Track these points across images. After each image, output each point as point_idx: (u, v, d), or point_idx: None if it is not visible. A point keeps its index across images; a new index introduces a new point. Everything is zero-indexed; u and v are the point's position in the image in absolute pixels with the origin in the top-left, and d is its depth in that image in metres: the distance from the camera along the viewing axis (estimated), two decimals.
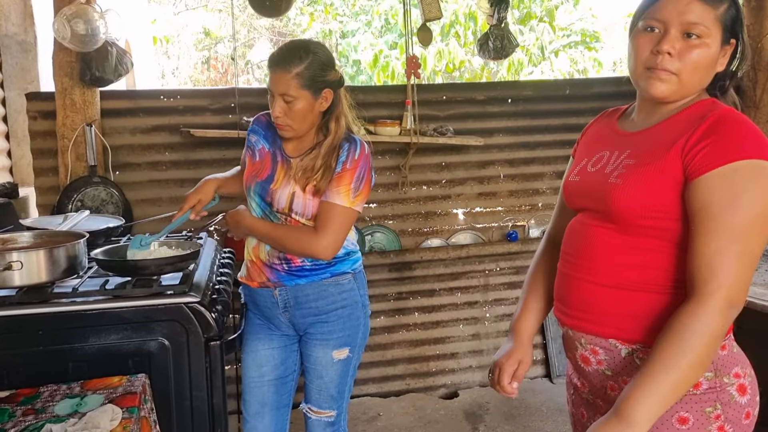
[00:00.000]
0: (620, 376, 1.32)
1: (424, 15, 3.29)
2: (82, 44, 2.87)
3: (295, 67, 1.90)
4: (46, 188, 3.15)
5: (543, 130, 3.68)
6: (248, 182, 2.07)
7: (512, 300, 3.69)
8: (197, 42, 15.03)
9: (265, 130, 2.12)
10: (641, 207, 1.25)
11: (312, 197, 1.96)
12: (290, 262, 2.00)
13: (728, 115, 1.23)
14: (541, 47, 7.37)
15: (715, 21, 1.25)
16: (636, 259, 1.28)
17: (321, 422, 2.12)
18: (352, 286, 2.08)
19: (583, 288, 1.35)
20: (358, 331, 2.11)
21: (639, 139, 1.34)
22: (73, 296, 1.82)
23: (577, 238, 1.39)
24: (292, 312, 2.05)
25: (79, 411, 1.53)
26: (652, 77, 1.28)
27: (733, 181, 1.17)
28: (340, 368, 2.09)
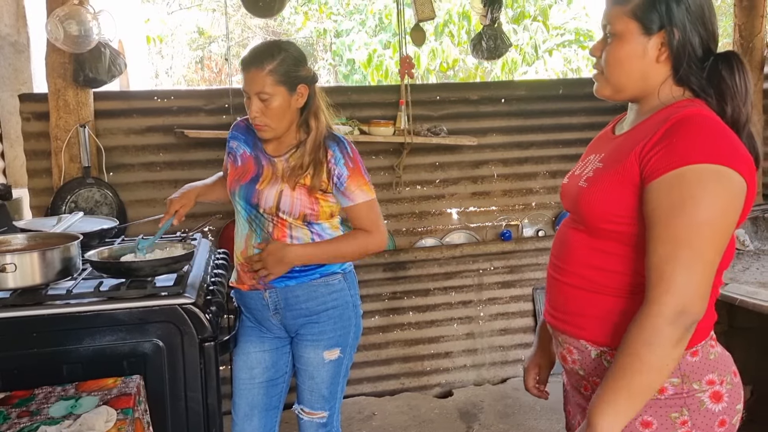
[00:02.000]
0: (591, 377, 1.34)
1: (417, 15, 3.29)
2: (75, 45, 2.86)
3: (268, 64, 1.91)
4: (40, 190, 3.15)
5: (536, 130, 3.70)
6: (232, 187, 2.07)
7: (506, 299, 3.70)
8: (191, 41, 15.00)
9: (245, 135, 2.12)
10: (602, 211, 1.27)
11: (301, 195, 1.96)
12: None
13: (689, 117, 1.22)
14: (534, 46, 7.38)
15: (625, 16, 1.29)
16: (602, 262, 1.29)
17: (313, 423, 2.12)
18: (342, 286, 2.08)
19: (561, 289, 1.38)
20: (350, 332, 2.11)
21: (615, 142, 1.36)
22: (68, 298, 1.82)
23: (559, 240, 1.42)
24: (283, 314, 2.05)
25: (74, 413, 1.54)
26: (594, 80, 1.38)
27: (680, 187, 1.16)
28: (332, 369, 2.09)
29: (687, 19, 1.27)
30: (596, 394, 1.20)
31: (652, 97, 1.32)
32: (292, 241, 1.99)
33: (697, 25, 1.27)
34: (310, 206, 1.97)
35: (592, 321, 1.31)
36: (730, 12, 4.05)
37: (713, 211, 1.14)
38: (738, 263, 2.89)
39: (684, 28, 1.27)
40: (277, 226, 1.99)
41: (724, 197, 1.16)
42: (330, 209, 2.02)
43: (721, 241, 1.17)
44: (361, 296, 2.33)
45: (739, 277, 2.66)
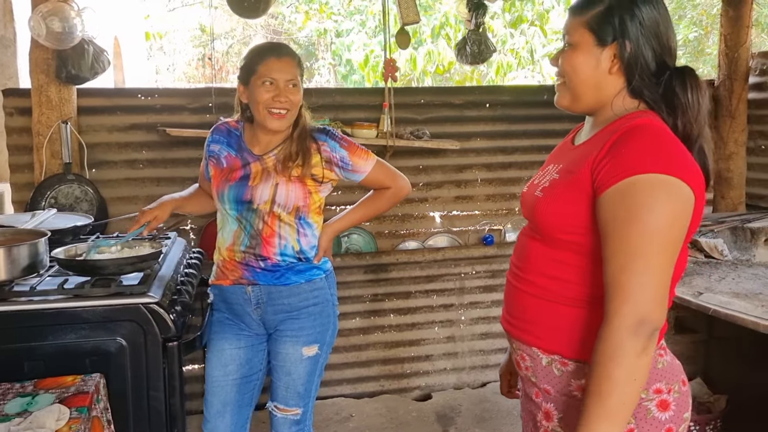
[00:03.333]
0: (542, 384, 1.36)
1: (402, 19, 3.30)
2: (58, 42, 2.87)
3: (297, 58, 2.09)
4: (22, 185, 3.15)
5: (521, 135, 3.70)
6: (220, 188, 2.10)
7: (487, 303, 3.70)
8: (193, 38, 15.02)
9: (227, 138, 2.17)
10: (557, 221, 1.28)
11: (295, 187, 2.04)
12: (266, 260, 2.06)
13: (638, 127, 1.24)
14: (530, 51, 7.39)
15: (581, 27, 1.33)
16: (557, 272, 1.30)
17: (287, 420, 2.15)
18: (323, 284, 2.14)
19: (516, 295, 1.40)
20: (328, 329, 2.17)
21: (572, 153, 1.38)
22: (31, 295, 1.84)
23: (518, 247, 1.44)
24: (264, 308, 2.09)
25: (29, 410, 1.54)
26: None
27: (630, 196, 1.17)
28: (309, 365, 2.13)
29: (640, 33, 1.29)
30: (580, 420, 1.19)
31: (606, 109, 1.34)
32: (279, 238, 2.05)
33: (651, 39, 1.29)
34: (303, 199, 2.06)
35: (544, 329, 1.33)
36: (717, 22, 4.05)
37: (664, 219, 1.16)
38: (714, 273, 2.89)
39: (636, 42, 1.29)
40: (267, 223, 2.04)
41: (674, 206, 1.17)
42: (319, 202, 2.13)
43: (672, 249, 1.18)
44: (342, 298, 2.38)
45: (714, 287, 2.66)
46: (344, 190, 3.41)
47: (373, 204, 2.25)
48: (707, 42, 9.39)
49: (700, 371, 3.36)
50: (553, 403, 1.35)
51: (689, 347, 3.37)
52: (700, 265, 3.02)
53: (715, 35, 8.47)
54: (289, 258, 2.07)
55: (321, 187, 2.11)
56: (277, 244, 2.06)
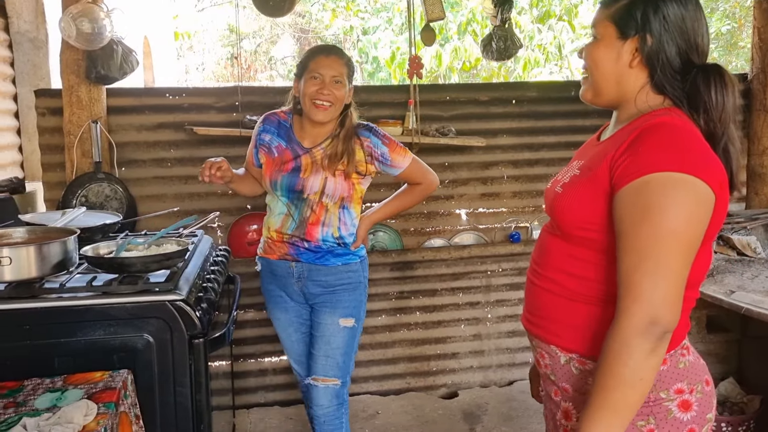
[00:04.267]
0: (560, 382, 1.35)
1: (427, 15, 3.28)
2: (88, 42, 2.91)
3: (345, 58, 2.29)
4: (53, 183, 3.22)
5: (547, 132, 3.66)
6: (273, 177, 2.32)
7: (514, 301, 3.67)
8: (222, 38, 15.15)
9: (277, 129, 2.37)
10: (575, 218, 1.27)
11: (341, 180, 2.27)
12: (310, 242, 2.30)
13: (656, 126, 1.22)
14: (558, 46, 7.30)
15: (605, 20, 1.33)
16: (575, 269, 1.30)
17: (328, 389, 2.35)
18: (357, 268, 2.38)
19: (536, 293, 1.40)
20: (362, 306, 2.40)
21: (594, 149, 1.36)
22: (61, 292, 1.86)
23: (539, 244, 1.43)
24: (304, 282, 2.34)
25: (58, 405, 1.57)
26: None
27: (644, 195, 1.15)
28: (347, 336, 2.35)
29: (663, 28, 1.27)
30: (582, 413, 1.19)
31: (630, 105, 1.32)
32: (322, 225, 2.29)
33: (675, 34, 1.27)
34: (348, 190, 2.29)
35: (562, 327, 1.32)
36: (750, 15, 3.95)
37: (677, 220, 1.13)
38: (747, 271, 2.84)
39: (659, 36, 1.27)
40: (314, 211, 2.28)
41: (690, 206, 1.14)
42: (360, 192, 2.36)
43: (687, 250, 1.16)
44: (368, 295, 2.50)
45: (747, 285, 2.61)
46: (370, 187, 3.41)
47: (406, 198, 2.47)
48: (740, 35, 9.19)
49: (732, 371, 3.29)
50: (571, 402, 1.34)
51: (722, 346, 3.30)
52: (732, 262, 2.96)
53: (748, 28, 8.28)
54: (330, 243, 2.31)
55: (363, 179, 2.35)
56: (320, 231, 2.29)
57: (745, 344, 3.34)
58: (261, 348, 3.45)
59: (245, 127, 3.22)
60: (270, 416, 3.38)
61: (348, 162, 2.26)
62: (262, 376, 3.47)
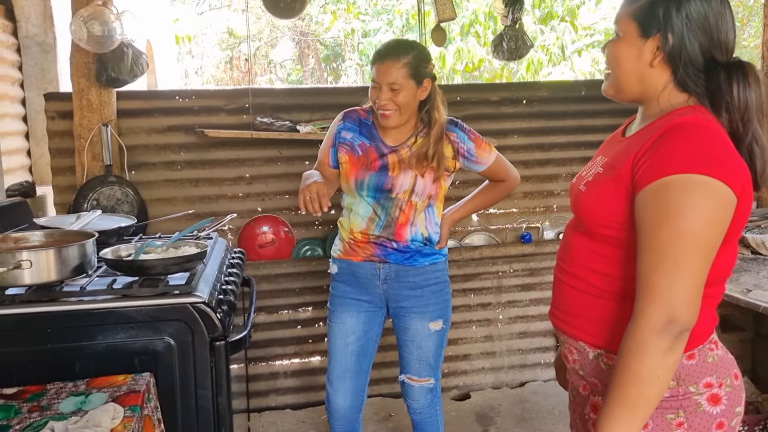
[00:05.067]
0: (589, 377, 1.37)
1: (438, 16, 3.28)
2: (98, 45, 2.90)
3: (404, 58, 2.13)
4: (64, 187, 3.20)
5: (558, 132, 3.65)
6: (359, 176, 2.24)
7: (525, 302, 3.66)
8: (221, 41, 15.17)
9: (359, 126, 2.29)
10: (598, 216, 1.29)
11: (431, 177, 2.21)
12: (399, 242, 2.25)
13: (678, 126, 1.21)
14: (561, 47, 7.30)
15: (628, 17, 1.31)
16: (599, 265, 1.31)
17: (423, 389, 2.37)
18: (443, 267, 2.35)
19: (563, 289, 1.40)
20: (449, 304, 2.37)
21: (619, 146, 1.36)
22: (81, 295, 1.84)
23: (564, 241, 1.45)
24: (390, 284, 2.28)
25: (83, 409, 1.55)
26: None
27: (664, 196, 1.16)
28: (437, 339, 2.33)
29: (686, 26, 1.25)
30: (601, 410, 1.21)
31: (653, 102, 1.33)
32: (411, 225, 2.24)
33: (698, 32, 1.25)
34: (436, 188, 2.24)
35: (589, 323, 1.34)
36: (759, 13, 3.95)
37: (697, 221, 1.13)
38: (763, 269, 2.82)
39: (681, 34, 1.26)
40: (403, 211, 2.23)
41: (709, 208, 1.14)
42: (445, 189, 2.31)
43: (706, 251, 1.16)
44: None
45: (764, 284, 2.60)
46: None
47: (489, 194, 2.44)
48: (743, 34, 9.23)
49: (747, 370, 3.28)
50: (600, 396, 1.35)
51: (736, 346, 3.29)
52: (747, 261, 2.95)
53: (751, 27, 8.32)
54: (419, 243, 2.26)
55: (447, 177, 2.30)
56: (409, 231, 2.25)
57: (759, 343, 3.33)
58: (272, 351, 3.43)
59: (256, 130, 3.21)
60: (282, 420, 3.36)
61: (438, 165, 2.19)
62: (273, 380, 3.45)
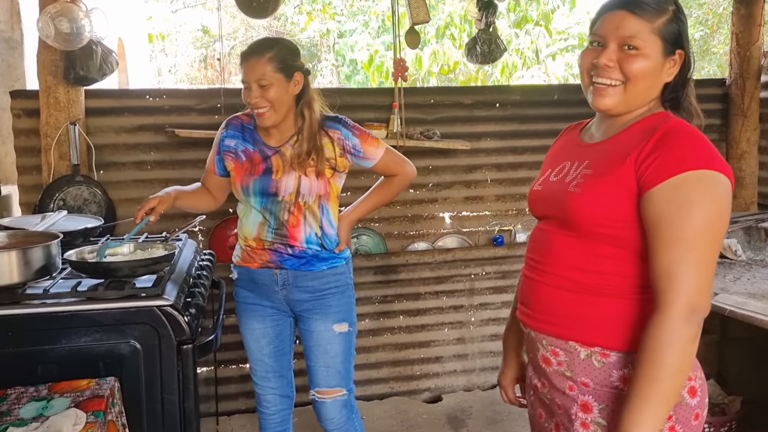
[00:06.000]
0: (579, 377, 1.36)
1: (412, 18, 3.28)
2: (66, 43, 2.85)
3: (268, 53, 2.09)
4: (29, 187, 3.13)
5: (531, 135, 3.67)
6: (244, 182, 2.19)
7: (498, 305, 3.67)
8: (195, 40, 15.00)
9: (242, 132, 2.25)
10: (597, 216, 1.30)
11: (315, 178, 2.15)
12: (294, 247, 2.18)
13: (678, 127, 1.28)
14: (536, 51, 7.36)
15: (652, 34, 1.31)
16: (594, 265, 1.33)
17: (335, 403, 2.25)
18: (344, 270, 2.29)
19: (545, 291, 1.40)
20: (352, 310, 2.31)
21: (597, 150, 1.39)
22: (44, 298, 1.81)
23: (539, 243, 1.45)
24: (290, 290, 2.22)
25: (44, 414, 1.52)
26: (595, 93, 1.36)
27: (683, 192, 1.21)
28: (343, 341, 2.26)
29: (686, 40, 1.36)
30: (627, 408, 1.23)
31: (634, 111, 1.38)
32: (304, 226, 2.17)
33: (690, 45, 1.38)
34: (324, 188, 2.18)
35: (583, 322, 1.34)
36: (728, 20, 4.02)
37: (713, 213, 1.22)
38: (729, 273, 2.87)
39: (689, 50, 1.36)
40: (293, 213, 2.16)
41: (721, 200, 1.23)
42: (336, 190, 2.24)
43: (720, 240, 1.25)
44: None
45: (730, 288, 2.64)
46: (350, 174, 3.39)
47: (383, 191, 2.35)
48: (712, 41, 9.38)
49: (714, 373, 3.33)
50: (591, 396, 1.35)
51: (703, 349, 3.30)
52: None
53: (720, 34, 8.46)
54: (314, 246, 2.20)
55: (338, 176, 2.23)
56: (303, 232, 2.18)
57: (725, 346, 3.38)
58: (242, 354, 3.36)
59: None
60: (252, 423, 3.32)
61: (317, 159, 2.14)
62: (243, 383, 3.41)
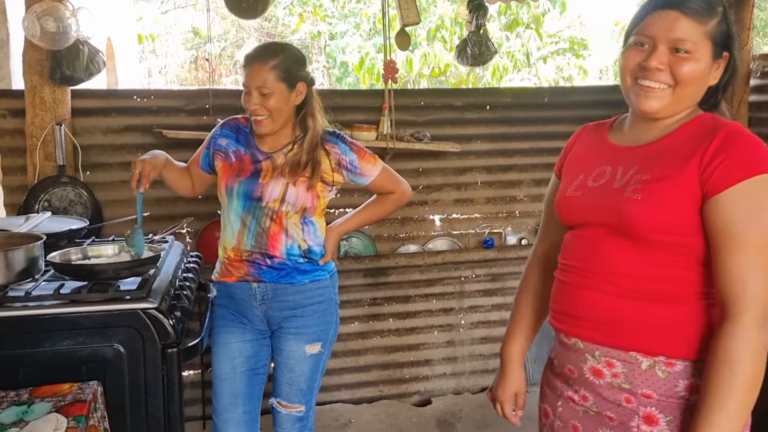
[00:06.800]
0: (640, 389, 1.30)
1: (402, 20, 3.26)
2: (52, 42, 2.82)
3: (272, 61, 2.04)
4: (14, 187, 3.09)
5: (521, 138, 3.66)
6: (230, 183, 2.14)
7: (488, 307, 3.67)
8: (186, 41, 14.95)
9: (236, 134, 2.21)
10: (660, 223, 1.25)
11: (305, 187, 2.09)
12: (273, 258, 2.10)
13: (738, 130, 1.25)
14: (526, 53, 7.38)
15: (704, 37, 1.27)
16: (656, 272, 1.28)
17: (290, 416, 2.19)
18: (327, 284, 2.20)
19: (599, 300, 1.32)
20: (331, 327, 2.21)
21: (645, 153, 1.33)
22: (26, 300, 1.78)
23: (585, 250, 1.37)
24: (269, 305, 2.14)
25: (25, 419, 1.49)
26: (641, 94, 1.30)
27: (752, 197, 1.19)
28: (312, 363, 2.18)
29: (735, 44, 1.32)
30: (699, 423, 1.18)
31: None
32: (286, 236, 2.10)
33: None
34: (311, 201, 2.11)
35: (644, 331, 1.28)
36: None
37: None
38: None
39: (734, 53, 1.32)
40: (275, 221, 2.09)
41: None
42: (324, 204, 2.18)
43: None
44: (341, 302, 2.39)
45: None
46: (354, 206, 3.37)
47: (376, 208, 2.31)
48: None
49: None
50: (655, 407, 1.29)
51: None
52: None
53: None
54: (296, 257, 2.12)
55: (329, 191, 2.18)
56: (284, 242, 2.10)
57: None
58: None
59: None
60: None
61: (313, 172, 2.08)
62: None
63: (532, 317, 1.60)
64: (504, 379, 1.63)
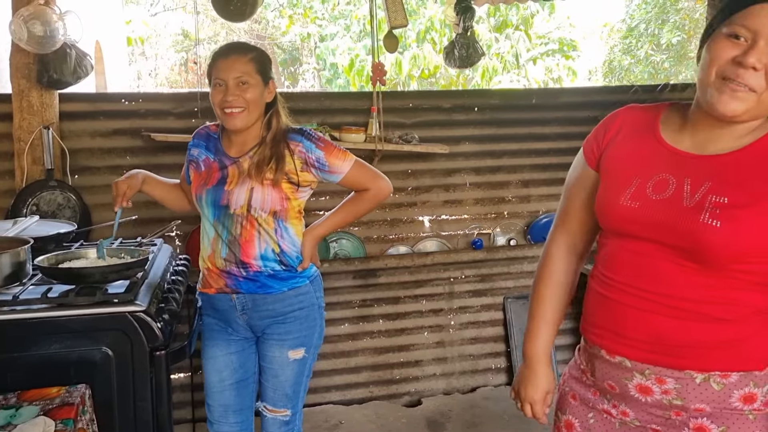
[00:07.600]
0: (692, 404, 1.25)
1: (390, 22, 3.28)
2: (40, 46, 2.81)
3: (250, 54, 2.05)
4: (2, 192, 3.09)
5: (509, 139, 3.68)
6: (198, 192, 2.12)
7: (477, 308, 3.68)
8: (175, 43, 14.93)
9: (206, 142, 2.19)
10: (741, 253, 1.16)
11: (270, 189, 2.02)
12: (248, 267, 2.06)
13: None
14: (516, 55, 7.41)
15: None
16: (721, 296, 1.20)
17: (276, 420, 2.18)
18: (308, 289, 2.15)
19: (653, 321, 1.24)
20: (314, 332, 2.18)
21: (717, 168, 1.21)
22: (14, 304, 1.78)
23: (638, 268, 1.26)
24: (250, 314, 2.11)
25: (13, 423, 1.49)
26: (726, 92, 1.14)
27: None
28: (296, 368, 2.16)
29: None
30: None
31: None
32: (258, 241, 2.05)
33: None
34: (280, 202, 2.04)
35: (702, 350, 1.22)
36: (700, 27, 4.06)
37: None
38: None
39: None
40: (246, 228, 2.04)
41: None
42: (298, 206, 2.11)
43: None
44: (331, 303, 2.36)
45: None
46: (331, 195, 3.38)
47: (353, 206, 2.20)
48: (689, 46, 9.48)
49: None
50: (707, 418, 1.25)
51: None
52: None
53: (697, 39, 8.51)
54: (271, 263, 2.07)
55: (299, 191, 2.09)
56: (257, 247, 2.06)
57: None
58: None
59: None
60: None
61: (276, 168, 2.02)
62: None
63: (557, 312, 1.47)
64: (535, 377, 1.48)
